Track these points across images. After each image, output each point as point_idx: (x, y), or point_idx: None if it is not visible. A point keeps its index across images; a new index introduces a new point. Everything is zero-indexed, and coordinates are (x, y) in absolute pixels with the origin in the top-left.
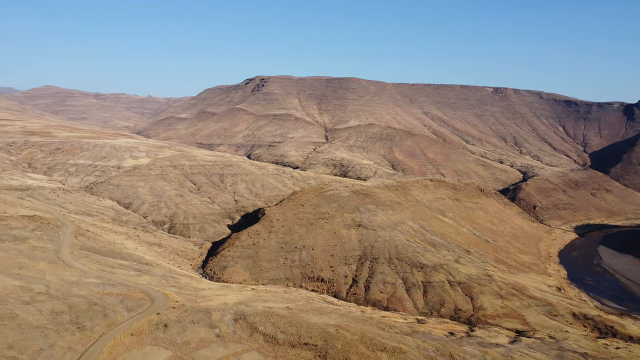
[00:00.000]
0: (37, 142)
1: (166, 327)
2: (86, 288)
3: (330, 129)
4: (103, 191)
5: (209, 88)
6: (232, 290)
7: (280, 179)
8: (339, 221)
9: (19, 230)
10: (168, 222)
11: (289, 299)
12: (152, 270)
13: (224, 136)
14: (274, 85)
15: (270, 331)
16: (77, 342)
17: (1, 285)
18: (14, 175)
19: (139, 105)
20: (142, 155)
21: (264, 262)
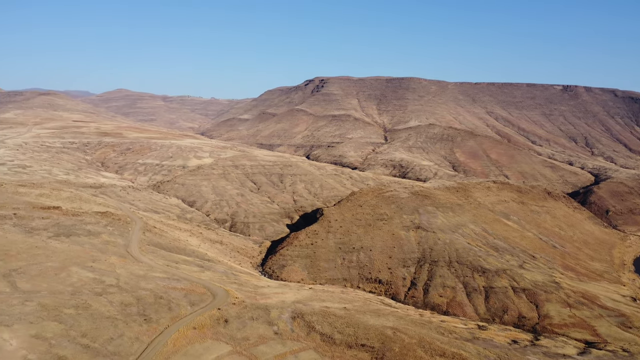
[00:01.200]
0: (109, 142)
1: (227, 323)
2: (153, 282)
3: (390, 130)
4: (169, 190)
5: (270, 89)
6: (290, 288)
7: (339, 180)
8: (397, 222)
9: (92, 226)
10: (229, 221)
11: (347, 300)
12: (214, 266)
13: (283, 137)
14: (333, 86)
15: (327, 331)
16: (144, 333)
17: (76, 277)
18: (89, 174)
19: (203, 107)
20: (206, 156)
21: (322, 262)
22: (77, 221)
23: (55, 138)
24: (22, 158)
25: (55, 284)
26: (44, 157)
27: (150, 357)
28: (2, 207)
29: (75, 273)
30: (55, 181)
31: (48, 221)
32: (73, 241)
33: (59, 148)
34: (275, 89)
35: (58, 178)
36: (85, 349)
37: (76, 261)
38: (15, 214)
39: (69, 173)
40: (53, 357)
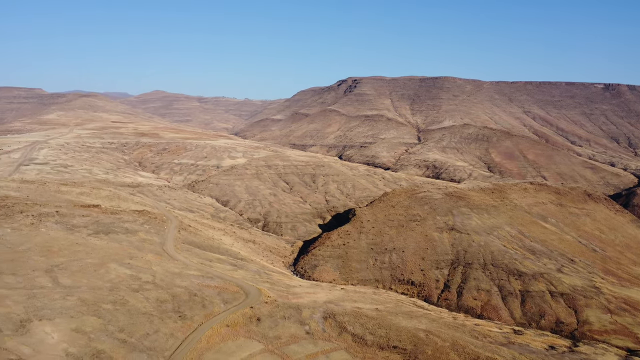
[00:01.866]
0: (146, 142)
1: (259, 321)
2: (187, 279)
3: (423, 130)
4: (203, 189)
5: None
6: (322, 288)
7: (371, 180)
8: (430, 224)
9: (130, 224)
10: (262, 220)
11: (378, 301)
12: (246, 265)
13: (316, 137)
14: (366, 86)
15: (359, 332)
16: (179, 330)
17: (114, 273)
18: (127, 173)
19: (237, 107)
20: (239, 156)
21: (354, 262)
22: (115, 219)
23: (95, 138)
24: (64, 158)
25: (95, 279)
26: (85, 157)
27: (184, 353)
28: (45, 205)
29: (114, 269)
30: (95, 180)
31: (88, 219)
32: (111, 239)
33: (99, 148)
34: (308, 89)
35: (98, 177)
36: (122, 344)
37: (114, 258)
38: (57, 211)
39: (108, 172)
40: (92, 351)
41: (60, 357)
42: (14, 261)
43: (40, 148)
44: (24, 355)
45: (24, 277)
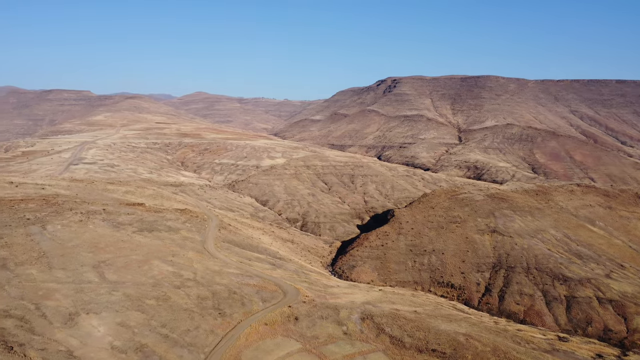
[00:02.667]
0: (189, 143)
1: (297, 320)
2: (227, 277)
3: (464, 130)
4: (243, 189)
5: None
6: (360, 289)
7: (411, 181)
8: (471, 226)
9: (172, 222)
10: (300, 220)
11: (417, 303)
12: (285, 264)
13: (355, 137)
14: (405, 86)
15: (397, 333)
16: (218, 327)
17: (157, 270)
18: (170, 173)
19: (277, 108)
20: (278, 156)
21: (392, 263)
22: (158, 217)
23: (140, 139)
24: (111, 157)
25: (139, 275)
26: (130, 157)
27: (223, 350)
28: (93, 203)
29: (157, 266)
30: (139, 179)
31: (133, 217)
32: (155, 236)
33: (143, 148)
34: (347, 89)
35: (142, 176)
36: (164, 339)
37: (157, 255)
38: (104, 209)
39: (152, 172)
40: (136, 345)
41: (105, 350)
42: (63, 256)
43: (89, 148)
44: (72, 347)
45: (73, 272)
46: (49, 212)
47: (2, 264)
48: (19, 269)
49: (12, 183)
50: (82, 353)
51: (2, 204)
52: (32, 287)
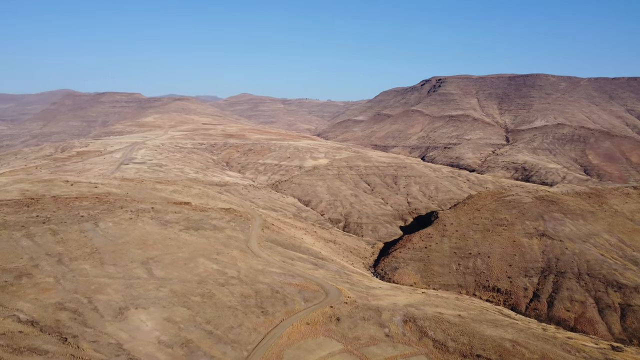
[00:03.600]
0: (233, 143)
1: (338, 321)
2: (270, 277)
3: (512, 130)
4: (286, 189)
5: (385, 90)
6: (402, 291)
7: (455, 182)
8: (519, 229)
9: (217, 221)
10: (343, 221)
11: (461, 307)
12: (327, 265)
13: (398, 138)
14: (450, 86)
15: (440, 337)
16: (261, 325)
17: (203, 267)
18: (215, 173)
19: (320, 109)
20: (321, 156)
21: (436, 266)
22: (204, 216)
23: (187, 139)
24: (159, 157)
25: (185, 273)
26: (177, 157)
27: (266, 348)
28: (142, 202)
29: (202, 264)
30: (186, 179)
31: (179, 215)
32: (200, 234)
33: (190, 149)
34: (390, 90)
35: (189, 176)
36: (209, 335)
37: (203, 253)
38: (152, 207)
39: (198, 172)
40: (181, 340)
41: (153, 345)
42: (114, 252)
43: (139, 148)
44: (122, 340)
45: (123, 268)
46: (101, 210)
47: (58, 259)
48: (74, 264)
49: (67, 182)
50: (131, 346)
51: (59, 202)
52: (85, 281)
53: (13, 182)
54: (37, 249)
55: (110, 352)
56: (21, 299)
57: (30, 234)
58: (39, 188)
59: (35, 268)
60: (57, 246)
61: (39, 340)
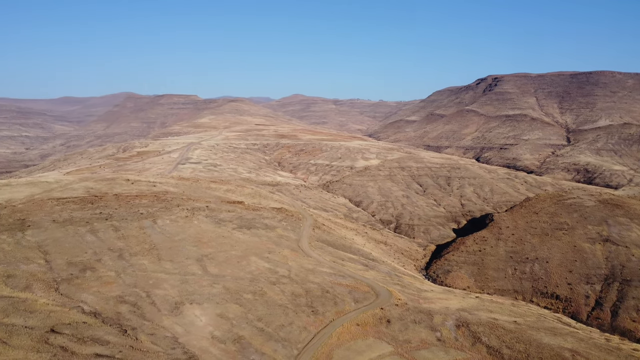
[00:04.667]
0: (285, 144)
1: (389, 323)
2: (320, 276)
3: (573, 130)
4: (337, 189)
5: (438, 90)
6: (455, 295)
7: (512, 184)
8: (580, 233)
9: (269, 220)
10: (394, 222)
11: (517, 313)
12: (377, 266)
13: (451, 138)
14: (507, 84)
15: (494, 344)
16: (311, 324)
17: (255, 265)
18: (267, 173)
19: (372, 109)
20: (373, 157)
21: (490, 270)
22: (256, 215)
23: (241, 140)
24: (214, 158)
25: (237, 270)
26: (231, 157)
27: (316, 347)
28: (197, 200)
29: (254, 262)
30: (239, 178)
31: (233, 214)
32: (253, 233)
33: (243, 149)
34: (444, 89)
35: (242, 176)
36: (260, 332)
37: (255, 251)
38: (207, 206)
39: (250, 171)
40: (234, 336)
41: (206, 339)
42: (171, 249)
43: (195, 149)
44: (177, 334)
45: (179, 264)
46: (159, 208)
47: (119, 254)
48: (133, 259)
49: (128, 180)
50: (186, 340)
51: (120, 200)
52: (143, 276)
53: (79, 181)
54: (100, 244)
55: (166, 345)
56: (85, 291)
57: (94, 229)
58: (102, 186)
59: (98, 262)
60: (118, 242)
61: (101, 331)
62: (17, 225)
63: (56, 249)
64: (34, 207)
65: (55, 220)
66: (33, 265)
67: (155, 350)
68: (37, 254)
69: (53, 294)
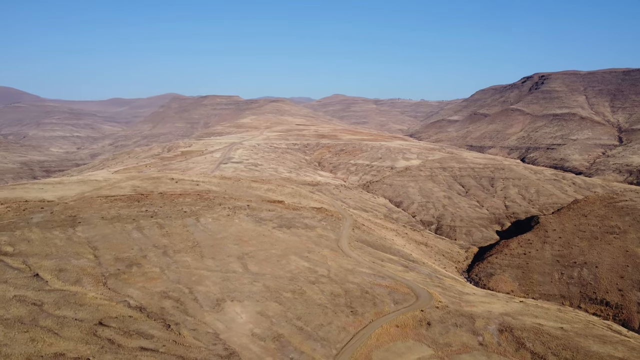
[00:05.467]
0: (326, 144)
1: (429, 326)
2: (359, 277)
3: (626, 130)
4: (377, 189)
5: (482, 89)
6: (498, 299)
7: (559, 185)
8: (633, 238)
9: (309, 220)
10: (435, 223)
11: (564, 319)
12: (418, 267)
13: (495, 138)
14: (555, 82)
15: (539, 350)
16: (350, 324)
17: (294, 264)
18: (307, 172)
19: (413, 109)
20: (413, 157)
21: (535, 274)
22: (296, 215)
23: (281, 140)
24: (255, 157)
25: (277, 269)
26: (272, 157)
27: (354, 348)
28: (239, 199)
29: (293, 261)
30: (280, 178)
31: (273, 213)
32: (292, 232)
33: (284, 149)
34: (488, 88)
35: (282, 175)
36: (299, 331)
37: (294, 251)
38: (248, 205)
39: (291, 171)
40: (273, 334)
41: (247, 336)
42: (213, 247)
43: (236, 148)
44: (219, 330)
45: (221, 262)
46: (202, 206)
47: (163, 250)
48: (177, 256)
49: (172, 179)
50: (226, 337)
51: (165, 198)
52: (186, 272)
53: (126, 179)
54: (145, 240)
55: (208, 340)
56: (131, 286)
57: (140, 226)
58: (148, 185)
59: (143, 258)
60: (163, 239)
61: (146, 325)
62: (68, 221)
63: (104, 244)
64: (84, 204)
65: (103, 217)
66: (83, 260)
67: (197, 346)
68: (86, 250)
69: (101, 288)
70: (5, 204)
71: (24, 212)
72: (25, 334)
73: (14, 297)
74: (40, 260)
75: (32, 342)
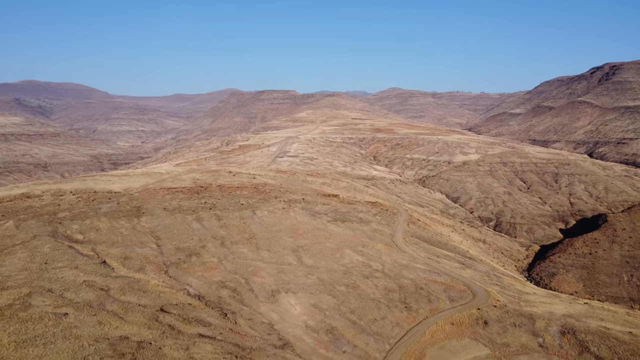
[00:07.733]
0: (381, 138)
1: (486, 324)
2: (414, 272)
3: None
4: (434, 184)
5: (547, 81)
6: (560, 300)
7: (630, 182)
8: None
9: (364, 214)
10: (494, 220)
11: (633, 324)
12: (475, 265)
13: (560, 132)
14: (628, 73)
15: (605, 355)
16: (404, 320)
17: (348, 258)
18: (362, 167)
19: (472, 102)
20: (472, 152)
21: (602, 275)
22: (351, 209)
23: (337, 134)
24: (311, 151)
25: (331, 262)
26: (327, 151)
27: (408, 343)
28: (294, 193)
29: (348, 255)
30: (335, 172)
31: (328, 207)
32: (347, 226)
33: (339, 143)
34: (553, 79)
35: (337, 169)
36: (352, 325)
37: (349, 245)
38: (303, 198)
39: (346, 165)
40: (326, 327)
41: (300, 328)
42: (268, 239)
43: (292, 142)
44: (273, 320)
45: (276, 254)
46: (258, 199)
47: (221, 241)
48: (234, 247)
49: (230, 172)
50: (280, 327)
51: (223, 190)
52: (243, 263)
53: (187, 172)
54: (204, 232)
55: (263, 330)
56: (191, 275)
57: (200, 218)
58: (207, 177)
59: (202, 249)
60: (221, 230)
61: (204, 313)
62: (133, 212)
63: (166, 234)
64: (147, 195)
65: (165, 208)
66: (146, 249)
67: (253, 335)
68: (150, 239)
69: (163, 276)
70: (77, 194)
71: (93, 203)
72: (94, 317)
73: (83, 282)
74: (108, 248)
75: (100, 325)
